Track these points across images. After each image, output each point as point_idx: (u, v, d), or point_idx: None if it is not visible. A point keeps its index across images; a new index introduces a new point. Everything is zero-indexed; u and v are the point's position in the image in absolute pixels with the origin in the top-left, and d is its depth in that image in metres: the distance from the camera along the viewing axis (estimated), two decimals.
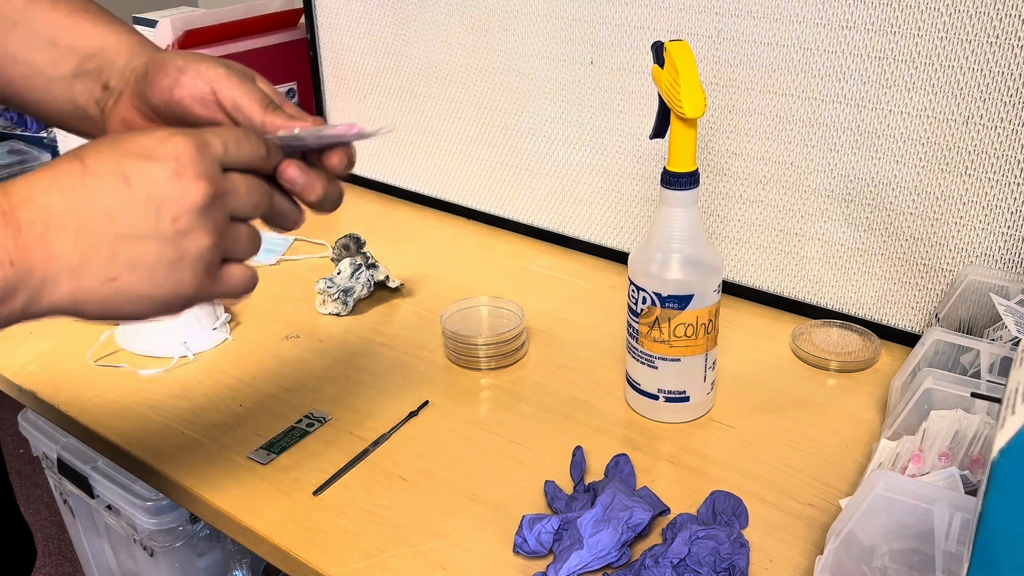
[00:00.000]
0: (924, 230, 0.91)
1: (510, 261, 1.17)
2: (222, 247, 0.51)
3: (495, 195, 1.25)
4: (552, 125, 1.15)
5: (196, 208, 0.48)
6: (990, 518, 0.36)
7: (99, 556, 1.25)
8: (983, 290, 0.83)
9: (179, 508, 1.04)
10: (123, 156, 0.48)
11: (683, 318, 0.78)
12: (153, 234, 0.47)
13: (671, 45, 0.73)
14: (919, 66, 0.86)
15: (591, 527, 0.66)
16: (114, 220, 0.47)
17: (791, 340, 0.96)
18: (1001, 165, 0.84)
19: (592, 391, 0.89)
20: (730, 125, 0.99)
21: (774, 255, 1.02)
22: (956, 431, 0.67)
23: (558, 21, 1.09)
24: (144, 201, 0.47)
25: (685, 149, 0.75)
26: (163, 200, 0.47)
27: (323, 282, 1.03)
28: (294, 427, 0.83)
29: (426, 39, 1.23)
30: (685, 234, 0.78)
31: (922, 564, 0.58)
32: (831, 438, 0.81)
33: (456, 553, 0.69)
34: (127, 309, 0.49)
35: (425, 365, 0.94)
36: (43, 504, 1.96)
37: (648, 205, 1.10)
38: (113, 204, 0.47)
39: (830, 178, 0.95)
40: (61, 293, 0.47)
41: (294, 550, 0.70)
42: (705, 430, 0.83)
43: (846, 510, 0.61)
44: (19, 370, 0.93)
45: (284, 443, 0.81)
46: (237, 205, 0.51)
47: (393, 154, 1.36)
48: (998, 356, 0.74)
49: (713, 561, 0.64)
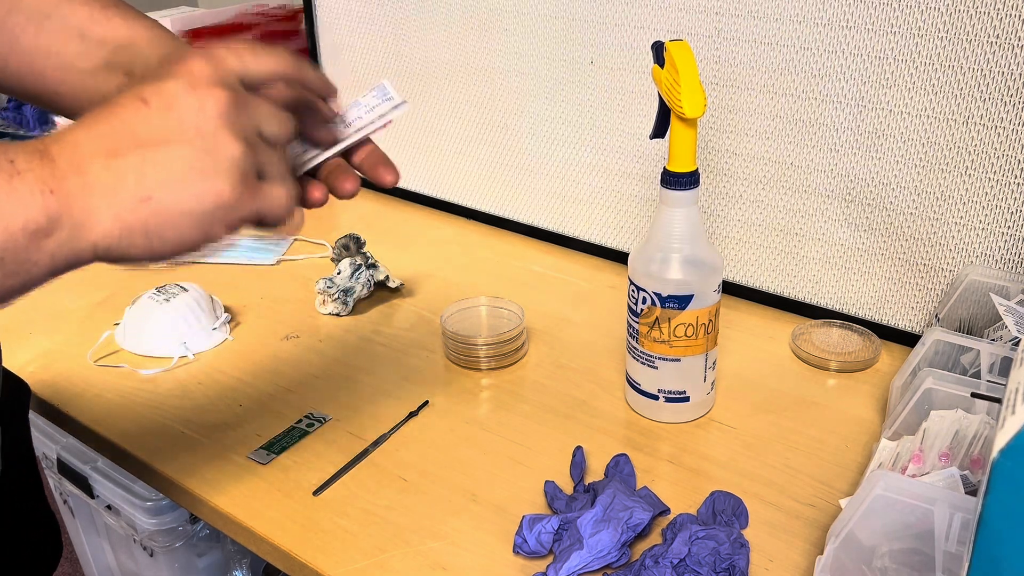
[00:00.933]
0: (924, 230, 0.91)
1: (510, 261, 1.17)
2: (254, 158, 0.50)
3: (495, 195, 1.25)
4: (552, 125, 1.15)
5: (218, 113, 0.48)
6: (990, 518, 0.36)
7: (99, 556, 1.25)
8: (983, 290, 0.83)
9: (179, 508, 1.04)
10: (139, 83, 0.49)
11: (683, 318, 0.78)
12: (178, 141, 0.48)
13: (671, 45, 0.73)
14: (919, 66, 0.86)
15: (591, 527, 0.66)
16: (138, 135, 0.47)
17: (791, 340, 0.96)
18: (1001, 165, 0.84)
19: (592, 391, 0.89)
20: (730, 125, 0.99)
21: (774, 255, 1.02)
22: (956, 431, 0.67)
23: (558, 21, 1.09)
24: (163, 112, 0.48)
25: (685, 149, 0.75)
26: (183, 110, 0.48)
27: (323, 282, 1.03)
28: (294, 427, 0.83)
29: (426, 39, 1.23)
30: (685, 234, 0.78)
31: (922, 564, 0.58)
32: (831, 438, 0.81)
33: (456, 553, 0.69)
34: (171, 234, 0.48)
35: (425, 365, 0.94)
36: None
37: (648, 205, 1.10)
38: (136, 123, 0.48)
39: (830, 178, 0.95)
40: (102, 224, 0.47)
41: (294, 550, 0.70)
42: (705, 430, 0.83)
43: (846, 510, 0.61)
44: (19, 370, 0.93)
45: (284, 443, 0.81)
46: (262, 118, 0.51)
47: (393, 154, 1.35)
48: (998, 356, 0.74)
49: (713, 561, 0.64)
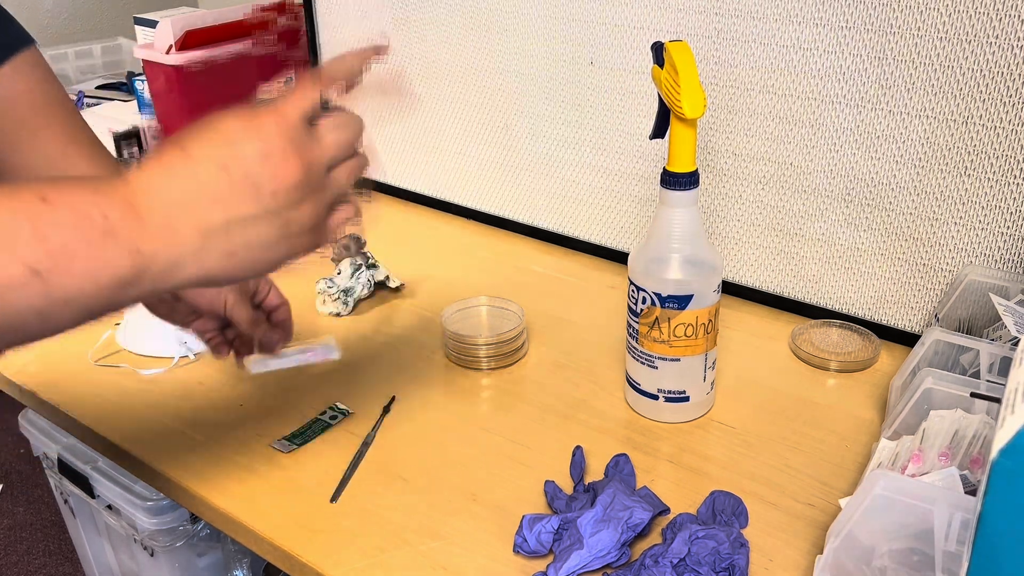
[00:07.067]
0: (924, 230, 0.91)
1: (510, 261, 1.17)
2: (324, 204, 0.55)
3: (495, 195, 1.25)
4: (552, 125, 1.15)
5: (292, 184, 0.52)
6: (990, 518, 0.36)
7: (99, 556, 1.25)
8: (983, 290, 0.83)
9: (179, 508, 1.04)
10: (219, 145, 0.51)
11: (683, 318, 0.78)
12: (260, 213, 0.51)
13: (671, 45, 0.73)
14: (919, 66, 0.86)
15: (591, 527, 0.66)
16: (224, 207, 0.51)
17: (791, 340, 0.96)
18: (1000, 165, 0.85)
19: (592, 391, 0.89)
20: (730, 125, 0.99)
21: (774, 255, 1.02)
22: (956, 431, 0.67)
23: (558, 22, 1.09)
24: (243, 183, 0.51)
25: (685, 149, 0.75)
26: (260, 179, 0.51)
27: (323, 282, 1.03)
28: (317, 419, 0.83)
29: (426, 39, 1.23)
30: (685, 234, 0.78)
31: (922, 564, 0.58)
32: (831, 438, 0.81)
33: (456, 553, 0.69)
34: (251, 273, 0.53)
35: (425, 365, 0.94)
36: (43, 504, 1.96)
37: (648, 205, 1.10)
38: (219, 192, 0.50)
39: (830, 178, 0.95)
40: (187, 273, 0.51)
41: (294, 550, 0.70)
42: (705, 430, 0.83)
43: (846, 510, 0.61)
44: (20, 370, 0.93)
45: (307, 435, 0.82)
46: (331, 156, 0.55)
47: (394, 154, 1.36)
48: (998, 356, 0.74)
49: (713, 561, 0.64)
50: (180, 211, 0.49)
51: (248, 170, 0.51)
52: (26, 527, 1.91)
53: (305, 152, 0.53)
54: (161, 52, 1.26)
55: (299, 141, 0.53)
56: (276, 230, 0.52)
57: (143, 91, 1.43)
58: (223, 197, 0.50)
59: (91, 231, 0.46)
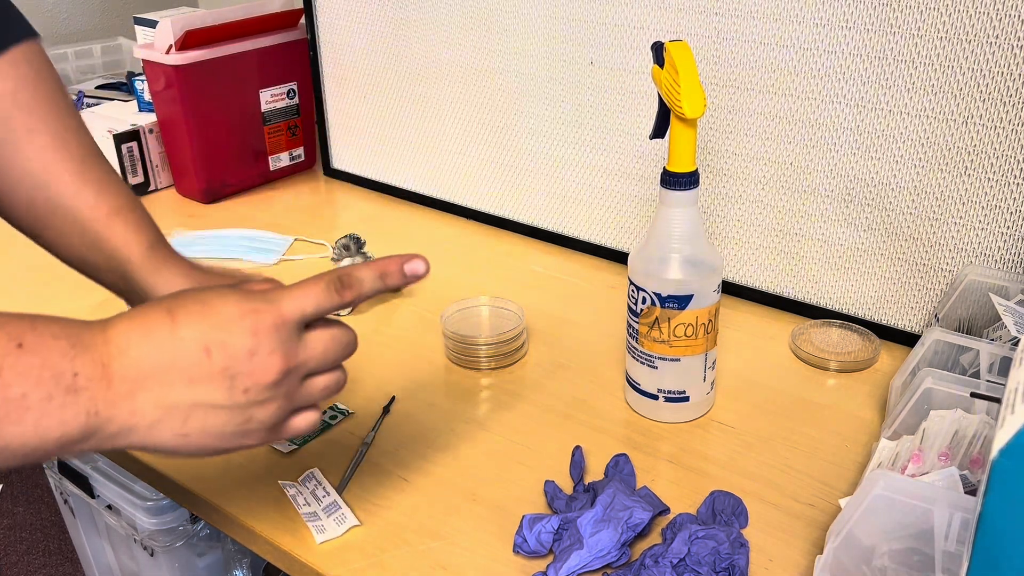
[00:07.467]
0: (924, 230, 0.91)
1: (510, 261, 1.17)
2: (289, 408, 0.54)
3: (495, 195, 1.25)
4: (552, 125, 1.15)
5: (267, 383, 0.51)
6: (990, 518, 0.36)
7: (99, 556, 1.25)
8: (983, 290, 0.83)
9: (179, 508, 1.04)
10: (208, 327, 0.50)
11: (683, 318, 0.78)
12: (226, 405, 0.50)
13: (671, 45, 0.73)
14: (919, 66, 0.86)
15: (591, 527, 0.66)
16: (194, 389, 0.49)
17: (791, 340, 0.96)
18: (1000, 165, 0.85)
19: (592, 391, 0.89)
20: (730, 125, 0.99)
21: (774, 255, 1.02)
22: (956, 431, 0.67)
23: (558, 21, 1.09)
24: (221, 372, 0.49)
25: (685, 149, 0.75)
26: (238, 373, 0.50)
27: None
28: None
29: (426, 39, 1.23)
30: (685, 234, 0.78)
31: (922, 564, 0.58)
32: (831, 438, 0.81)
33: (456, 553, 0.69)
34: (193, 454, 0.52)
35: (425, 365, 0.94)
36: (43, 504, 1.96)
37: (648, 205, 1.10)
38: (194, 373, 0.49)
39: (830, 178, 0.95)
40: (133, 440, 0.49)
41: (294, 550, 0.70)
42: (705, 430, 0.83)
43: (846, 510, 0.61)
44: None
45: (301, 439, 0.81)
46: (313, 367, 0.54)
47: (393, 154, 1.36)
48: (998, 356, 0.74)
49: (713, 561, 0.64)
50: (150, 383, 0.48)
51: (230, 362, 0.49)
52: (26, 527, 1.91)
53: (291, 356, 0.52)
54: (161, 52, 1.26)
55: (288, 344, 0.51)
56: (235, 423, 0.51)
57: (143, 91, 1.43)
58: (196, 380, 0.49)
59: (56, 387, 0.45)
